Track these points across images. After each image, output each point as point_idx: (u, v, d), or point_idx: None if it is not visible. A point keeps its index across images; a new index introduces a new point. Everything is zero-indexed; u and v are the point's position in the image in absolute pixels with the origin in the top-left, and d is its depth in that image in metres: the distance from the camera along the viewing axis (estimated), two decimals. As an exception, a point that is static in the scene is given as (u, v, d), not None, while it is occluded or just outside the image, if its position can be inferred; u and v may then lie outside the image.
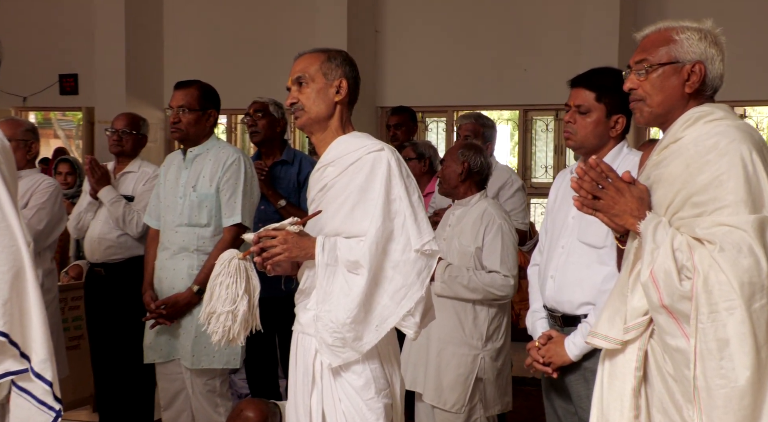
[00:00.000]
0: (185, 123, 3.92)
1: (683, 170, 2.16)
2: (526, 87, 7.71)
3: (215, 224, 3.90)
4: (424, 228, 2.64)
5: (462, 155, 3.99)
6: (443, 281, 3.80)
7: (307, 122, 2.74)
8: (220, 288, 2.68)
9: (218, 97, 4.05)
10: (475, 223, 3.88)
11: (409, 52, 8.16)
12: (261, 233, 2.66)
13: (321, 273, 2.63)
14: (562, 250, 2.99)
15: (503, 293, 3.80)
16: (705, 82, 2.25)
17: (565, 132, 3.02)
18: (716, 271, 2.03)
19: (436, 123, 8.36)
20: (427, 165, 5.39)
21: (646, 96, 2.26)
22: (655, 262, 2.09)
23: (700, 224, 2.09)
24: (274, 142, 4.80)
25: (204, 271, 3.82)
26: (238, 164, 3.90)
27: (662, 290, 2.08)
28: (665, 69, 2.24)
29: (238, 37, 8.60)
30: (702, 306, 2.03)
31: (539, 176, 7.99)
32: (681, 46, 2.24)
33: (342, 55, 2.80)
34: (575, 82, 3.02)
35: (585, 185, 2.18)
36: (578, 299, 2.93)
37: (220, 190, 3.88)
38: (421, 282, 2.62)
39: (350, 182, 2.68)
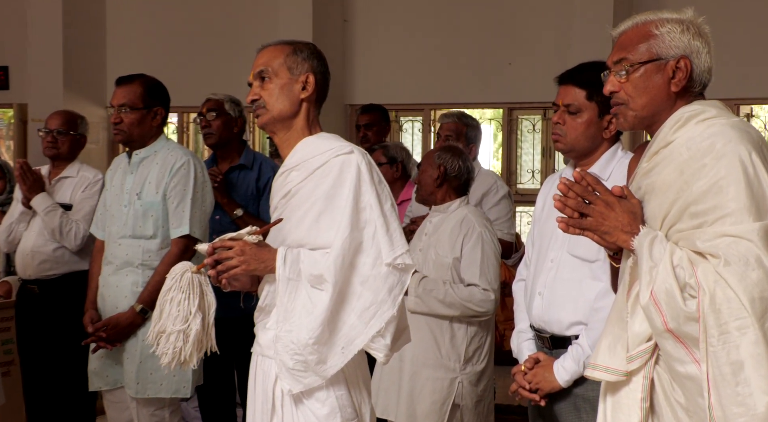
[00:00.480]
0: (127, 123, 3.92)
1: (677, 177, 2.16)
2: (511, 83, 7.75)
3: (162, 235, 3.90)
4: (397, 240, 2.66)
5: (438, 158, 4.03)
6: (417, 296, 3.82)
7: (269, 121, 2.75)
8: (171, 305, 2.68)
9: (166, 92, 4.05)
10: (453, 231, 3.90)
11: (382, 43, 8.18)
12: (216, 243, 2.66)
13: (282, 289, 2.64)
14: (551, 264, 3.01)
15: (483, 310, 3.82)
16: (692, 78, 2.25)
17: (554, 134, 3.04)
18: (723, 287, 2.02)
19: (411, 123, 8.39)
20: (400, 170, 5.41)
21: (629, 99, 2.27)
22: (654, 282, 2.08)
23: (700, 236, 2.09)
24: (231, 144, 4.80)
25: (148, 288, 3.82)
26: (187, 167, 3.90)
27: (665, 312, 2.07)
28: (647, 67, 2.24)
29: (192, 26, 8.57)
30: (711, 327, 2.03)
31: (525, 181, 8.03)
32: (662, 40, 2.24)
33: (309, 47, 2.82)
34: (563, 79, 3.05)
35: (570, 202, 2.17)
36: (568, 319, 2.95)
37: (167, 197, 3.89)
38: (392, 300, 2.62)
39: (316, 188, 2.69)
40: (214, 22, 8.49)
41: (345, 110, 8.31)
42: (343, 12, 8.29)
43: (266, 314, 2.76)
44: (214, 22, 8.49)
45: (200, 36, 8.52)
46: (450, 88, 7.96)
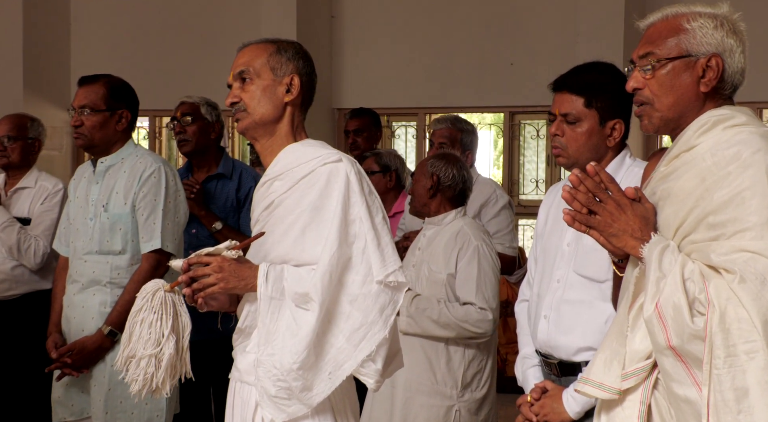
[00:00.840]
0: (88, 127, 3.91)
1: (698, 184, 2.17)
2: (513, 85, 7.78)
3: (132, 250, 3.89)
4: (389, 255, 2.66)
5: (431, 166, 4.05)
6: (409, 316, 3.82)
7: (250, 126, 2.76)
8: (142, 327, 2.66)
9: (133, 93, 4.05)
10: (447, 245, 3.91)
11: (372, 41, 8.20)
12: (192, 259, 2.66)
13: (264, 308, 2.63)
14: (558, 284, 3.01)
15: (480, 330, 3.82)
16: (723, 79, 2.26)
17: (554, 148, 3.03)
18: (735, 305, 2.03)
19: (404, 128, 8.40)
20: (394, 179, 5.42)
21: (654, 98, 2.28)
22: (661, 294, 2.09)
23: (716, 249, 2.10)
24: (208, 151, 4.79)
25: (117, 309, 3.81)
26: (158, 175, 3.90)
27: (670, 327, 2.08)
28: (675, 64, 2.26)
29: (165, 21, 8.58)
30: (717, 348, 2.03)
31: (528, 191, 8.05)
32: (693, 36, 2.25)
33: (294, 46, 2.83)
34: (557, 86, 3.04)
35: (580, 196, 2.18)
36: (577, 344, 2.94)
37: (137, 208, 3.88)
38: (384, 321, 2.62)
39: (301, 199, 2.69)
40: (190, 17, 8.50)
41: (332, 115, 8.33)
42: (330, 7, 8.31)
43: (246, 336, 2.75)
44: (190, 18, 8.50)
45: (174, 33, 8.53)
46: (446, 90, 7.98)
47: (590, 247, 2.90)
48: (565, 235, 3.02)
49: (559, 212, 3.06)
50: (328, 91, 8.21)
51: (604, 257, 2.82)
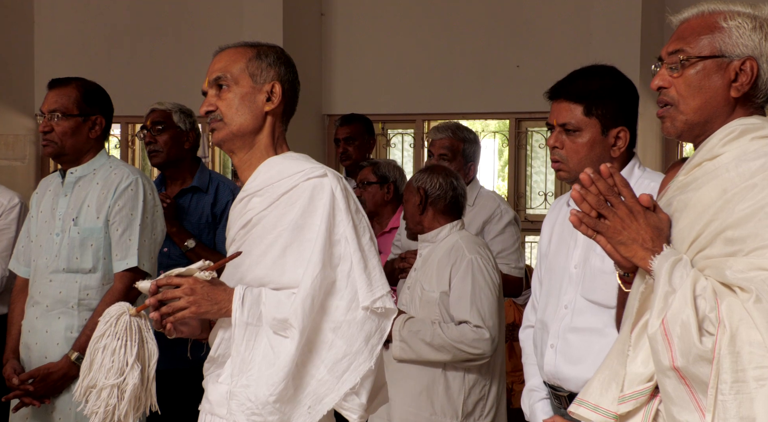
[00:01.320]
0: (59, 133, 3.92)
1: (719, 195, 2.18)
2: (519, 89, 7.79)
3: (103, 269, 3.89)
4: (377, 279, 2.68)
5: (416, 181, 4.11)
6: (402, 340, 3.83)
7: (227, 137, 2.78)
8: (104, 354, 2.66)
9: (107, 98, 4.07)
10: (441, 262, 3.93)
11: (365, 41, 8.22)
12: (161, 280, 2.66)
13: (239, 335, 2.64)
14: (565, 311, 3.02)
15: (478, 351, 3.82)
16: (756, 86, 2.27)
17: (553, 161, 3.06)
18: (748, 327, 2.03)
19: (401, 136, 8.42)
20: (392, 191, 5.45)
21: (680, 99, 2.29)
22: (669, 309, 2.09)
23: (732, 265, 2.11)
24: (182, 163, 4.80)
25: (86, 333, 3.80)
26: (135, 188, 3.91)
27: (675, 346, 2.08)
28: (706, 64, 2.27)
29: (139, 21, 8.60)
30: (724, 372, 2.03)
31: (536, 205, 8.07)
32: (729, 35, 2.26)
33: (276, 51, 2.85)
34: (554, 94, 3.08)
35: (590, 198, 2.19)
36: (587, 376, 2.88)
37: (111, 223, 3.88)
38: (370, 350, 2.64)
39: (282, 217, 2.71)
40: (166, 15, 8.52)
41: (322, 121, 8.34)
42: (319, 4, 8.34)
43: (219, 365, 2.76)
44: (166, 16, 8.52)
45: (149, 32, 8.55)
46: (446, 95, 7.99)
47: (598, 269, 2.91)
48: (572, 255, 3.03)
49: (564, 230, 3.07)
50: (317, 95, 8.23)
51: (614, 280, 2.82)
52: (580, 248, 3.02)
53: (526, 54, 7.74)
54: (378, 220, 5.49)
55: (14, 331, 4.01)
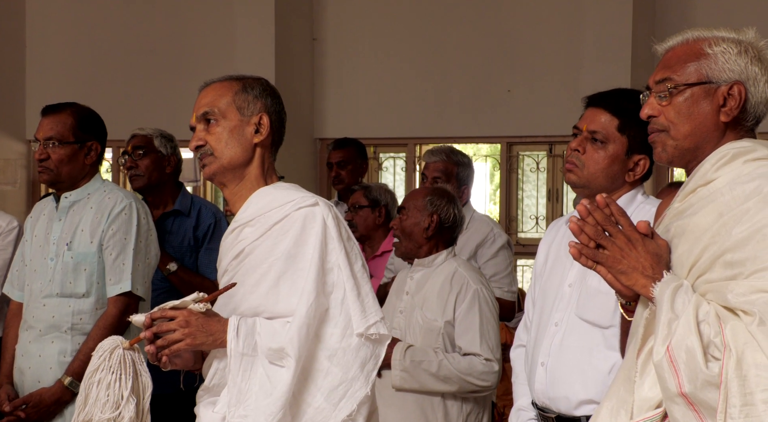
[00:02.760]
0: (56, 160, 3.93)
1: (715, 219, 2.19)
2: (511, 113, 7.81)
3: (97, 293, 3.89)
4: (370, 306, 2.70)
5: (431, 204, 4.02)
6: (404, 370, 3.81)
7: (218, 171, 2.80)
8: (99, 388, 2.66)
9: (102, 124, 4.08)
10: (443, 289, 3.90)
11: (358, 66, 8.24)
12: (155, 313, 2.67)
13: (235, 366, 2.64)
14: (556, 328, 3.02)
15: (486, 383, 3.82)
16: (745, 109, 2.29)
17: (568, 163, 3.05)
18: (753, 350, 2.04)
19: (393, 160, 8.43)
20: (383, 215, 5.46)
21: (670, 125, 2.31)
22: (673, 336, 2.10)
23: (734, 289, 2.12)
24: (163, 187, 4.81)
25: (80, 357, 3.80)
26: (129, 212, 3.92)
27: (682, 373, 2.09)
28: (694, 91, 2.29)
29: (131, 46, 8.59)
30: (733, 396, 2.04)
31: (528, 229, 8.07)
32: (715, 61, 2.28)
33: (261, 83, 2.87)
34: (594, 101, 3.07)
35: (588, 229, 2.20)
36: (578, 396, 2.96)
37: (104, 248, 3.89)
38: (365, 377, 2.66)
39: (274, 247, 2.72)
40: (158, 40, 8.52)
41: (314, 145, 8.34)
42: (311, 29, 8.35)
43: (213, 394, 2.76)
44: (159, 41, 8.52)
45: (141, 57, 8.55)
46: (438, 119, 8.01)
47: (594, 289, 2.92)
48: (567, 275, 3.04)
49: (561, 251, 3.08)
50: (309, 120, 8.23)
51: (609, 300, 2.83)
52: (577, 267, 3.01)
53: (518, 79, 7.76)
54: (370, 244, 5.50)
55: (8, 356, 4.00)
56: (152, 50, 8.51)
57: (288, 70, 7.87)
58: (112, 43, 8.64)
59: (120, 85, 8.50)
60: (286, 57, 7.95)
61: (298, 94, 7.96)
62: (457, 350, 3.86)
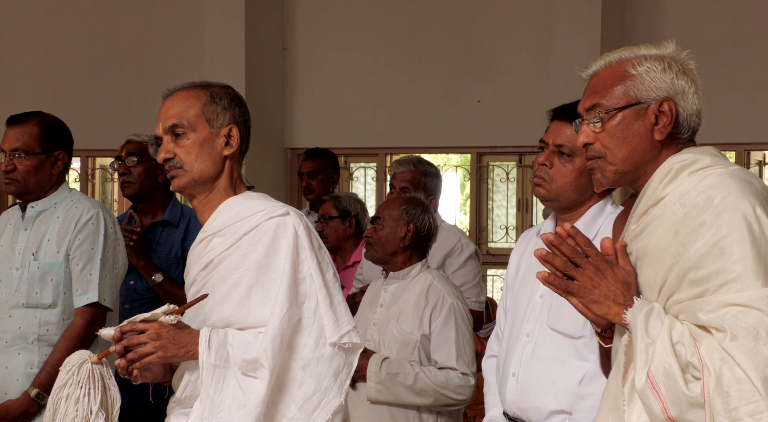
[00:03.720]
0: (22, 172, 3.91)
1: (672, 238, 2.20)
2: (481, 124, 7.84)
3: (64, 304, 3.87)
4: (343, 315, 2.70)
5: (407, 213, 4.02)
6: (380, 382, 3.80)
7: (188, 184, 2.78)
8: (67, 403, 2.64)
9: (68, 133, 4.06)
10: (418, 302, 3.90)
11: (328, 76, 8.24)
12: (125, 327, 2.65)
13: (207, 377, 2.63)
14: (527, 339, 3.03)
15: (462, 397, 3.83)
16: (678, 123, 2.29)
17: (536, 177, 3.05)
18: (731, 366, 2.04)
19: (363, 170, 8.44)
20: (354, 225, 5.46)
21: (607, 151, 2.30)
22: (651, 362, 2.11)
23: (703, 306, 2.12)
24: (155, 196, 4.76)
25: (46, 369, 3.78)
26: (96, 222, 3.89)
27: (665, 397, 2.09)
28: (625, 114, 2.28)
29: (98, 54, 8.56)
30: (719, 414, 2.04)
31: (498, 239, 8.09)
32: (641, 81, 2.28)
33: (229, 93, 2.85)
34: (559, 114, 3.07)
35: (556, 261, 2.21)
36: (549, 406, 2.96)
37: (71, 257, 3.87)
38: (339, 386, 2.66)
39: (245, 257, 2.71)
40: (126, 49, 8.49)
41: (285, 155, 8.34)
42: (282, 38, 8.35)
43: (185, 406, 2.75)
44: (126, 50, 8.49)
45: (109, 65, 8.51)
46: (409, 129, 8.03)
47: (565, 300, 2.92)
48: (539, 285, 3.04)
49: (532, 261, 3.08)
50: (280, 129, 8.23)
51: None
52: None
53: (488, 90, 7.79)
54: (340, 254, 5.50)
55: (-26, 368, 3.97)
56: (121, 59, 8.48)
57: (258, 79, 7.86)
58: (80, 52, 8.61)
59: (88, 94, 8.46)
60: (256, 67, 7.94)
61: (269, 103, 7.95)
62: (432, 363, 3.85)
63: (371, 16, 8.13)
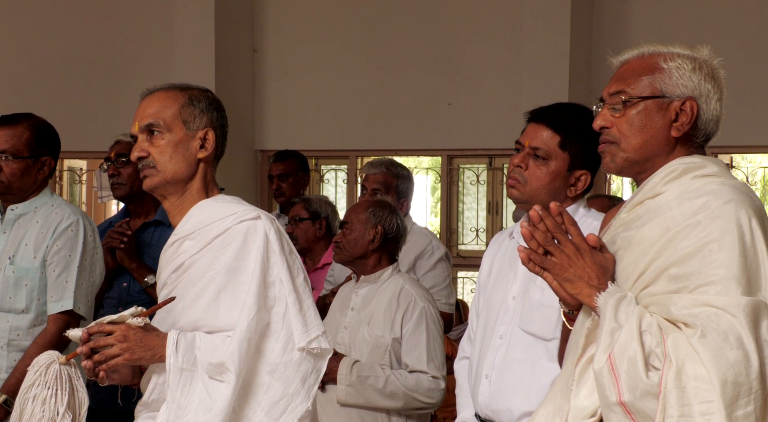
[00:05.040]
0: (8, 174, 3.87)
1: (661, 233, 2.23)
2: (451, 127, 7.85)
3: (37, 310, 3.84)
4: (312, 320, 2.70)
5: (374, 216, 4.03)
6: (350, 385, 3.80)
7: (160, 184, 2.78)
8: (34, 404, 2.63)
9: (57, 139, 4.03)
10: (390, 306, 3.90)
11: (299, 78, 8.23)
12: (92, 328, 2.65)
13: (174, 381, 2.63)
14: (500, 341, 3.04)
15: (432, 401, 3.84)
16: (696, 126, 2.32)
17: (511, 178, 3.08)
18: (693, 362, 2.07)
19: (334, 172, 8.43)
20: (324, 227, 5.46)
21: (622, 138, 2.34)
22: (615, 345, 2.13)
23: (677, 302, 2.15)
24: (145, 196, 4.69)
25: (16, 374, 3.74)
26: (76, 228, 3.87)
27: (622, 381, 2.11)
28: (647, 104, 2.32)
29: (68, 56, 8.50)
30: (671, 407, 2.06)
31: (468, 242, 8.10)
32: (669, 76, 2.32)
33: (207, 96, 2.85)
34: (536, 117, 3.09)
35: (538, 234, 2.23)
36: (520, 408, 2.98)
37: (48, 263, 3.84)
38: (306, 391, 2.65)
39: (215, 260, 2.71)
40: (95, 50, 8.43)
41: (255, 157, 8.32)
42: (252, 40, 8.34)
43: (152, 410, 2.74)
44: (95, 51, 8.43)
45: (78, 68, 8.45)
46: (380, 132, 8.03)
47: (537, 302, 2.94)
48: (511, 287, 3.06)
49: (505, 263, 3.10)
50: (250, 131, 8.21)
51: (552, 313, 2.86)
52: (520, 280, 3.05)
53: (458, 92, 7.81)
54: (311, 256, 5.49)
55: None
56: (90, 60, 8.43)
57: (229, 81, 7.84)
58: (49, 53, 8.55)
59: (57, 96, 8.38)
60: (226, 68, 7.92)
61: (239, 105, 7.93)
62: (403, 367, 3.86)
63: (342, 18, 8.14)
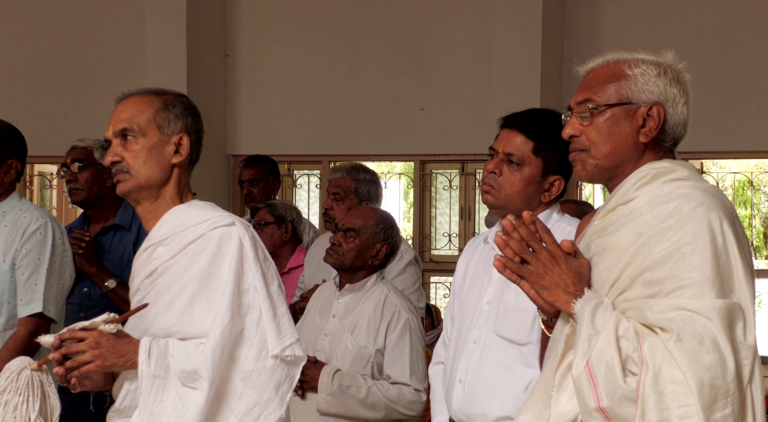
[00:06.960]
0: None
1: (634, 238, 2.25)
2: (424, 132, 7.87)
3: (7, 313, 3.83)
4: (286, 327, 2.70)
5: (384, 233, 4.00)
6: (331, 394, 3.79)
7: (133, 189, 2.78)
8: (5, 410, 2.61)
9: (23, 141, 4.04)
10: (374, 316, 3.88)
11: (271, 82, 8.22)
12: (64, 334, 2.64)
13: (146, 387, 2.62)
14: (474, 345, 3.06)
15: (413, 413, 3.84)
16: (664, 130, 2.35)
17: (485, 184, 3.09)
18: (670, 366, 2.09)
19: (307, 177, 8.43)
20: (290, 232, 5.47)
21: (591, 145, 2.36)
22: (593, 351, 2.15)
23: (653, 306, 2.17)
24: (104, 201, 4.68)
25: (-14, 378, 3.71)
26: (44, 231, 3.86)
27: (600, 387, 2.13)
28: (614, 111, 2.34)
29: (38, 59, 8.46)
30: (649, 411, 2.08)
31: (441, 246, 8.12)
32: (635, 83, 2.34)
33: (183, 101, 2.85)
34: (509, 123, 3.11)
35: (512, 243, 2.24)
36: (495, 412, 2.99)
37: (17, 267, 3.83)
38: (280, 399, 2.66)
39: (189, 267, 2.71)
40: (65, 54, 8.40)
41: (227, 162, 8.31)
42: (224, 44, 8.33)
43: (124, 416, 2.74)
44: (65, 54, 8.40)
45: (48, 72, 8.42)
46: (352, 137, 8.04)
47: (512, 306, 2.95)
48: (486, 292, 3.07)
49: (479, 267, 3.11)
50: (222, 136, 8.20)
51: (526, 318, 2.88)
52: (495, 284, 3.06)
53: (431, 98, 7.84)
54: (277, 261, 5.46)
55: None
56: (60, 64, 8.39)
57: (200, 86, 7.83)
58: (18, 57, 8.50)
59: (27, 100, 8.36)
60: (198, 73, 7.91)
61: (211, 110, 7.91)
62: (385, 378, 3.85)
63: (314, 23, 8.15)
